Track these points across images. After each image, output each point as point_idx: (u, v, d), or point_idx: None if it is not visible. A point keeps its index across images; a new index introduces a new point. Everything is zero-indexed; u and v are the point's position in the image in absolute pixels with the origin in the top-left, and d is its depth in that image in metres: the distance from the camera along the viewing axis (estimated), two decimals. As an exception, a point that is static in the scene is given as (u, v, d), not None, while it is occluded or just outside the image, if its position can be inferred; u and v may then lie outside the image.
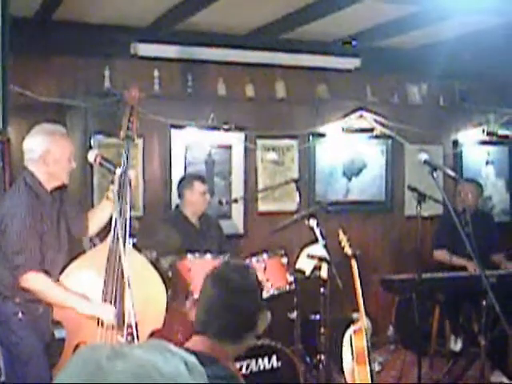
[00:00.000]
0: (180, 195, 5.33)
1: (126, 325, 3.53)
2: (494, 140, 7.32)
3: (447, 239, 5.62)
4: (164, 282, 3.82)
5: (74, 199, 4.09)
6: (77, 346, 3.61)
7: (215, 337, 2.03)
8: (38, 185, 3.63)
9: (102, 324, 3.61)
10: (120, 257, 3.54)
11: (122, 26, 5.66)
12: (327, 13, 5.22)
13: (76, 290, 3.63)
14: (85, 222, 3.96)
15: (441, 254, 5.84)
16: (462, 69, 6.64)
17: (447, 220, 5.49)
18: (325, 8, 5.11)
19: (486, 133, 7.18)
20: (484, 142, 7.32)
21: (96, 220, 3.96)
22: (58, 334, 3.83)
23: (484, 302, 4.59)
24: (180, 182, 5.43)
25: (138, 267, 3.63)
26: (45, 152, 3.61)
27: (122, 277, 3.55)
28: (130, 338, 3.47)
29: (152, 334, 3.68)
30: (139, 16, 5.45)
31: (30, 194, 3.58)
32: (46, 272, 3.57)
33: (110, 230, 3.72)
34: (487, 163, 7.41)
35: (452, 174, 4.88)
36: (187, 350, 1.91)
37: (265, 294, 4.48)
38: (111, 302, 3.62)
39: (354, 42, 5.78)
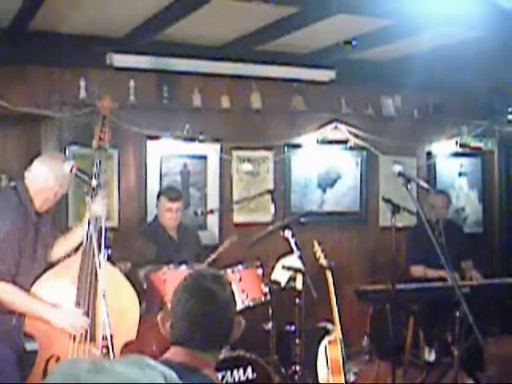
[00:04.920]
0: None
1: (100, 337, 3.50)
2: (467, 152, 7.42)
3: (421, 253, 5.64)
4: (138, 293, 3.80)
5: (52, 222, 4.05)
6: (49, 360, 3.58)
7: (197, 348, 2.02)
8: (29, 202, 3.65)
9: (75, 337, 3.59)
10: (93, 268, 3.53)
11: (98, 37, 5.64)
12: (302, 26, 5.26)
13: (49, 300, 3.61)
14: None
15: (418, 270, 5.84)
16: (435, 81, 6.72)
17: (418, 233, 5.53)
18: (300, 21, 5.15)
19: (459, 144, 7.26)
20: (457, 154, 7.40)
21: (64, 244, 3.94)
22: (30, 346, 3.79)
23: (457, 313, 4.62)
24: None
25: (110, 279, 3.61)
26: (51, 187, 3.68)
27: (95, 288, 3.53)
28: (104, 350, 3.45)
29: (126, 346, 3.65)
30: (115, 27, 5.44)
31: (21, 208, 3.61)
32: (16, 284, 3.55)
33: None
34: (460, 175, 7.49)
35: (425, 186, 4.94)
36: (168, 361, 1.91)
37: (240, 305, 4.48)
38: (84, 314, 3.60)
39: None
